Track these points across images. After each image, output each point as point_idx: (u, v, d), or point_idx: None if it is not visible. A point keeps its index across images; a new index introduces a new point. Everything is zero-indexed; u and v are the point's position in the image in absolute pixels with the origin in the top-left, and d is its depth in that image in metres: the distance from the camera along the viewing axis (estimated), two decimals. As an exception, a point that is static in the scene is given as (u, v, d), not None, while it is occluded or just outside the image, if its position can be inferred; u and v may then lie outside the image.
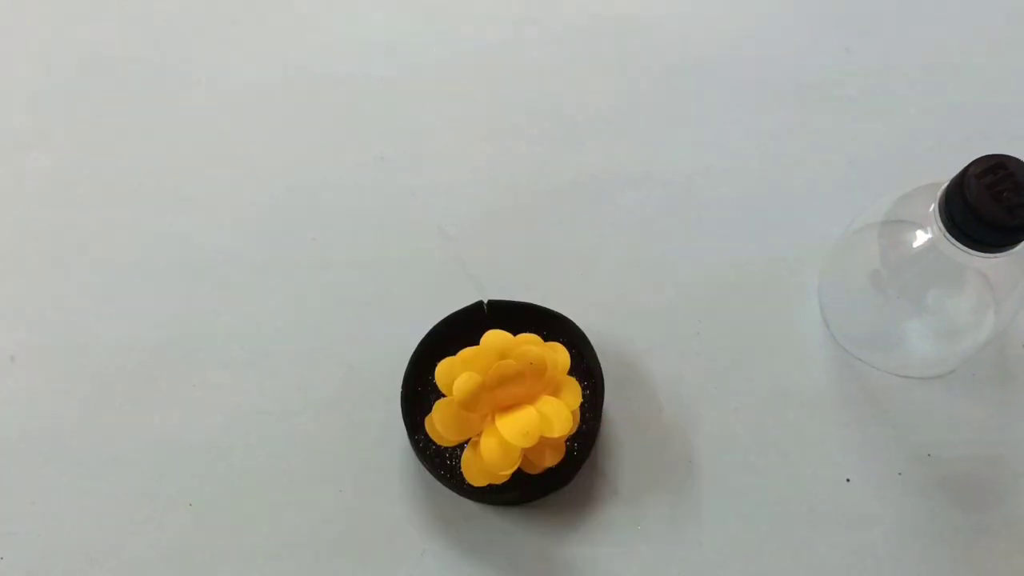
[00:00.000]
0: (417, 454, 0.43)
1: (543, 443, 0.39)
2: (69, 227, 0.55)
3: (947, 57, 0.57)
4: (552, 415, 0.39)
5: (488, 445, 0.39)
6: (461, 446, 0.43)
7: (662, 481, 0.46)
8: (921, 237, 0.41)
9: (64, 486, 0.48)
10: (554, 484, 0.44)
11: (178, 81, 0.59)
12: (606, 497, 0.46)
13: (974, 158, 0.36)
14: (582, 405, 0.42)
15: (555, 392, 0.41)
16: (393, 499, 0.46)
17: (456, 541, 0.45)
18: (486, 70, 0.59)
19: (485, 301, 0.45)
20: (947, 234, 0.38)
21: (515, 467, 0.39)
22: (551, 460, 0.41)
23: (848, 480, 0.46)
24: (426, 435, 0.42)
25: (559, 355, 0.42)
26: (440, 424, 0.40)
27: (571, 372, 0.43)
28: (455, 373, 0.39)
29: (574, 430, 0.41)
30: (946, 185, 0.38)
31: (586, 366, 0.45)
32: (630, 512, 0.46)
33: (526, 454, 0.39)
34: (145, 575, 0.46)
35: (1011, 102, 0.56)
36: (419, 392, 0.45)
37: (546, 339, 0.44)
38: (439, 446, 0.43)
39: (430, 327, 0.46)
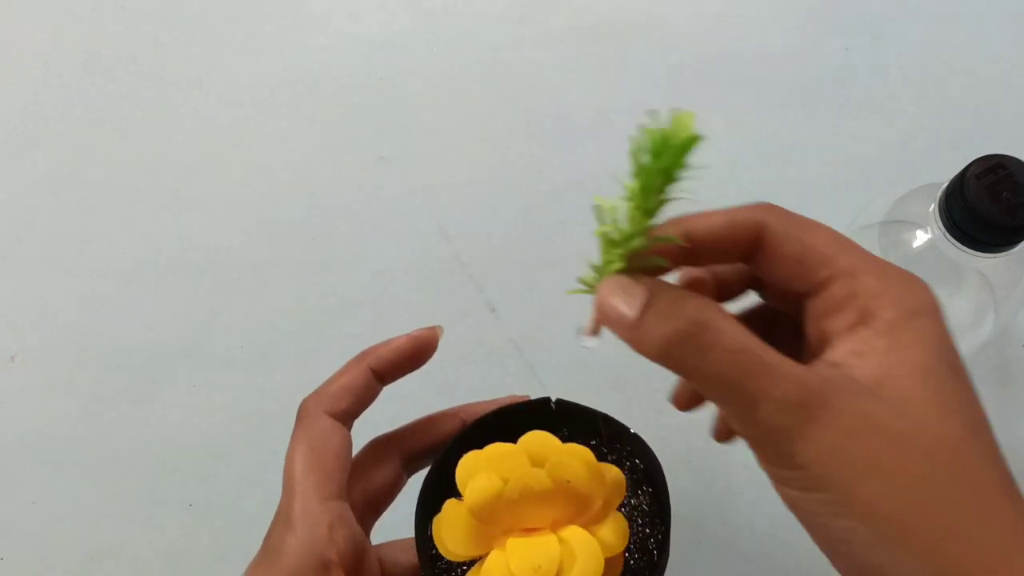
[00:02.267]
0: (423, 563, 0.34)
1: None
2: (69, 227, 0.55)
3: (947, 57, 0.57)
4: (578, 553, 0.31)
5: (490, 570, 0.31)
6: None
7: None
8: (921, 237, 0.41)
9: (64, 486, 0.48)
10: None
11: (178, 81, 0.59)
12: (606, 497, 0.46)
13: (974, 158, 0.37)
14: (635, 552, 0.34)
15: (591, 525, 0.32)
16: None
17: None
18: (486, 70, 0.59)
19: (553, 400, 0.36)
20: (947, 234, 0.38)
21: None
22: None
23: (848, 480, 0.46)
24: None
25: (609, 480, 0.33)
26: (446, 529, 0.32)
27: (630, 511, 0.35)
28: (476, 471, 0.32)
29: None
30: (946, 185, 0.38)
31: (653, 506, 0.35)
32: (630, 512, 0.46)
33: None
34: (145, 575, 0.46)
35: (1011, 102, 0.56)
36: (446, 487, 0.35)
37: (614, 461, 0.35)
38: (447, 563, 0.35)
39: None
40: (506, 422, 0.35)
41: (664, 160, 0.26)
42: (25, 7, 0.63)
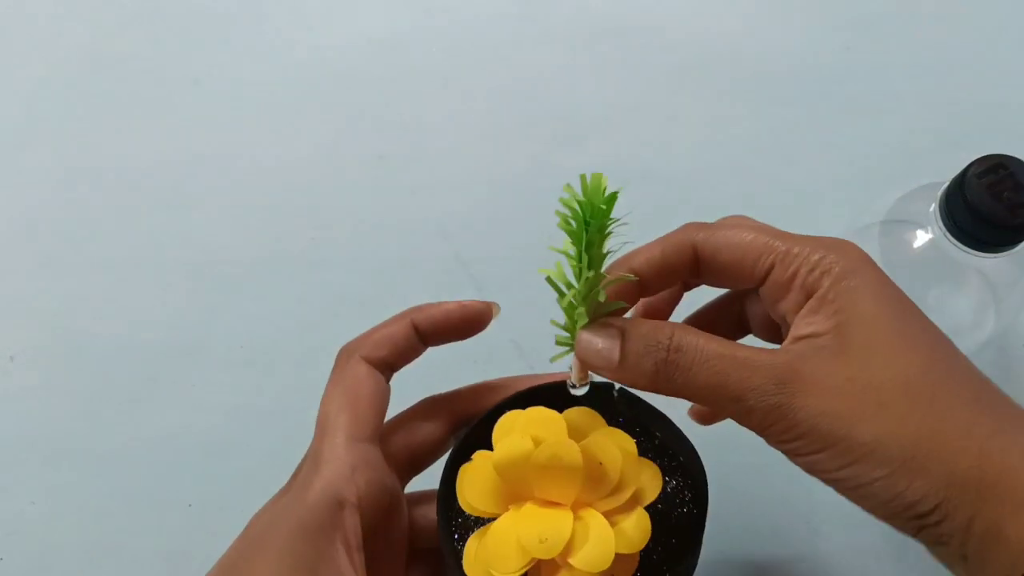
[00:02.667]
0: (440, 516, 0.34)
1: (560, 567, 0.30)
2: (69, 227, 0.55)
3: (947, 57, 0.57)
4: (591, 537, 0.29)
5: (498, 531, 0.31)
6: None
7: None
8: (922, 237, 0.41)
9: (64, 486, 0.48)
10: None
11: (178, 80, 0.59)
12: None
13: (974, 158, 0.37)
14: (652, 559, 0.33)
15: (614, 515, 0.31)
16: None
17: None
18: (486, 69, 0.59)
19: (617, 387, 0.35)
20: (947, 234, 0.38)
21: (516, 574, 0.30)
22: None
23: (848, 480, 0.46)
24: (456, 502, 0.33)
25: (645, 476, 0.32)
26: (469, 479, 0.32)
27: (661, 520, 0.33)
28: (512, 430, 0.32)
29: None
30: (946, 185, 0.38)
31: (687, 517, 0.34)
32: (630, 512, 0.46)
33: (540, 567, 0.30)
34: (145, 575, 0.46)
35: (1011, 102, 0.56)
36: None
37: (662, 468, 0.34)
38: (464, 519, 0.34)
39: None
40: (560, 398, 0.34)
41: (595, 221, 0.28)
42: (25, 6, 0.63)
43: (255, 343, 0.51)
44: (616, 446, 0.31)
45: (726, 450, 0.47)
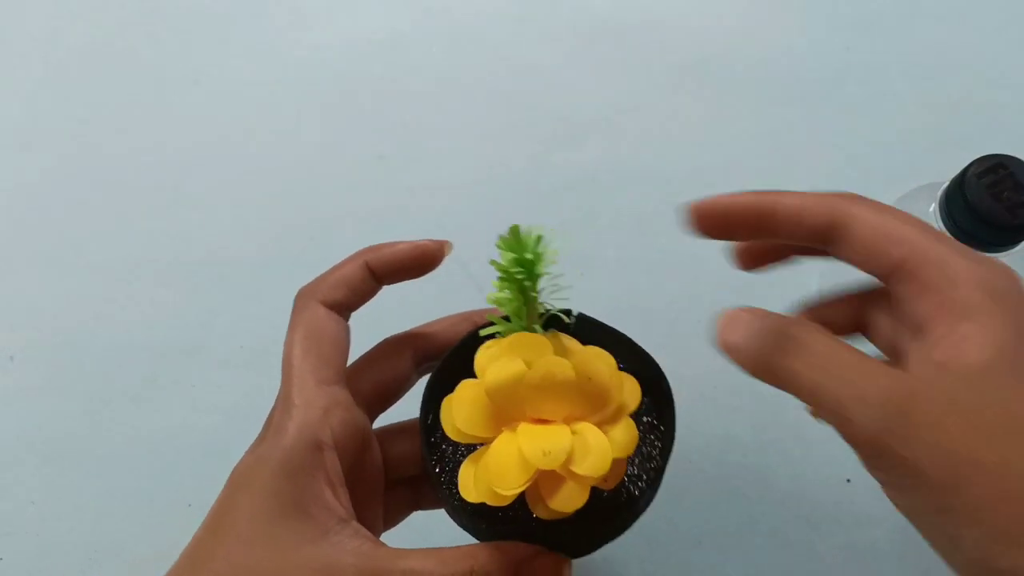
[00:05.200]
0: (424, 448, 0.35)
1: (563, 475, 0.31)
2: (69, 227, 0.55)
3: (947, 57, 0.57)
4: (591, 446, 0.31)
5: (498, 449, 0.31)
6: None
7: (662, 481, 0.46)
8: (921, 237, 0.41)
9: (64, 486, 0.48)
10: (564, 544, 0.33)
11: (177, 80, 0.59)
12: (606, 497, 0.46)
13: (974, 158, 0.37)
14: (637, 467, 0.35)
15: (604, 426, 0.32)
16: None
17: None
18: (486, 69, 0.59)
19: (575, 312, 0.36)
20: (948, 234, 0.38)
21: (520, 488, 0.30)
22: (565, 503, 0.31)
23: (848, 480, 0.46)
24: (442, 435, 0.35)
25: (628, 388, 0.33)
26: (458, 407, 0.32)
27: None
28: (499, 356, 0.32)
29: (610, 487, 0.32)
30: (947, 185, 0.38)
31: (656, 431, 0.36)
32: (630, 512, 0.46)
33: (538, 483, 0.31)
34: (145, 575, 0.46)
35: (1011, 102, 0.56)
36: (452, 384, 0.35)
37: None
38: (449, 445, 0.35)
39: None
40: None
41: (532, 269, 0.31)
42: (25, 6, 0.63)
43: (255, 343, 0.51)
44: (600, 360, 0.32)
45: (726, 450, 0.47)
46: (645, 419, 0.36)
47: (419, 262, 0.37)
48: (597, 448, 0.31)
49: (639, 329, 0.49)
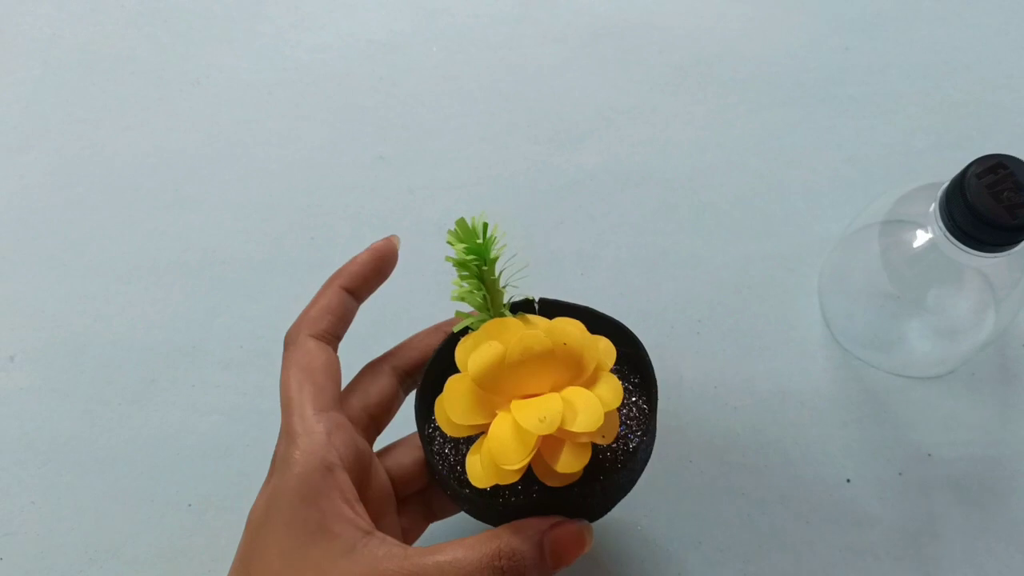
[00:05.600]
0: (428, 455, 0.36)
1: (562, 438, 0.32)
2: (69, 227, 0.55)
3: (947, 57, 0.57)
4: (580, 407, 0.32)
5: (496, 430, 0.33)
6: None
7: (662, 481, 0.46)
8: (921, 237, 0.41)
9: (64, 486, 0.48)
10: (578, 508, 0.35)
11: (177, 80, 0.59)
12: (606, 497, 0.46)
13: (974, 158, 0.37)
14: (630, 425, 0.36)
15: (588, 386, 0.34)
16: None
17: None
18: (486, 70, 0.59)
19: (536, 299, 0.38)
20: (947, 234, 0.38)
21: (526, 460, 0.32)
22: (571, 463, 0.32)
23: (848, 480, 0.46)
24: (438, 430, 0.36)
25: (602, 347, 0.35)
26: (449, 402, 0.33)
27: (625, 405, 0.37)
28: (476, 346, 0.34)
29: (609, 440, 0.33)
30: (946, 185, 0.38)
31: (641, 384, 0.38)
32: (630, 512, 0.46)
33: (541, 452, 0.33)
34: (145, 575, 0.46)
35: (1011, 102, 0.56)
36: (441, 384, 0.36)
37: None
38: (450, 447, 0.36)
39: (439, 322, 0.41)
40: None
41: (481, 257, 0.33)
42: (25, 6, 0.63)
43: (255, 343, 0.51)
44: (570, 325, 0.34)
45: (726, 450, 0.47)
46: (630, 377, 0.38)
47: (379, 264, 0.38)
48: (587, 405, 0.32)
49: (639, 329, 0.49)
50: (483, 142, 0.56)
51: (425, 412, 0.37)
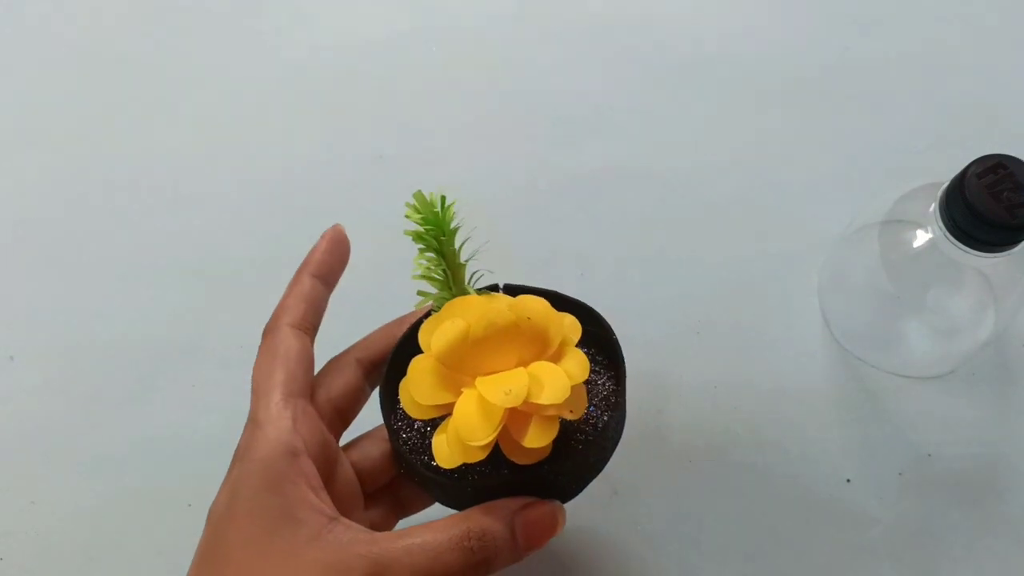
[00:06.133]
0: (390, 435, 0.36)
1: (528, 413, 0.31)
2: (68, 227, 0.55)
3: (947, 57, 0.57)
4: (546, 381, 0.31)
5: (461, 407, 0.32)
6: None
7: (662, 481, 0.46)
8: (921, 237, 0.41)
9: (64, 486, 0.48)
10: (549, 488, 0.34)
11: (177, 80, 0.59)
12: (606, 497, 0.46)
13: (974, 158, 0.37)
14: (598, 404, 0.35)
15: (555, 361, 0.33)
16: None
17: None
18: (486, 69, 0.59)
19: (501, 285, 0.38)
20: (947, 234, 0.38)
21: (493, 435, 0.31)
22: (538, 438, 0.31)
23: (848, 480, 0.46)
24: (404, 418, 0.36)
25: (567, 323, 0.34)
26: (413, 383, 0.33)
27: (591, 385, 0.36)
28: (439, 324, 0.33)
29: (577, 416, 0.32)
30: (946, 185, 0.38)
31: (608, 364, 0.37)
32: (630, 512, 0.46)
33: (508, 428, 0.32)
34: (145, 575, 0.46)
35: (1011, 102, 0.56)
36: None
37: None
38: (417, 434, 0.36)
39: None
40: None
41: (439, 228, 0.34)
42: (24, 6, 0.63)
43: (255, 343, 0.51)
44: (534, 301, 0.33)
45: (726, 450, 0.47)
46: (597, 358, 0.37)
47: (339, 249, 0.39)
48: (553, 378, 0.31)
49: (639, 329, 0.49)
50: (482, 142, 0.56)
51: (391, 399, 0.36)
